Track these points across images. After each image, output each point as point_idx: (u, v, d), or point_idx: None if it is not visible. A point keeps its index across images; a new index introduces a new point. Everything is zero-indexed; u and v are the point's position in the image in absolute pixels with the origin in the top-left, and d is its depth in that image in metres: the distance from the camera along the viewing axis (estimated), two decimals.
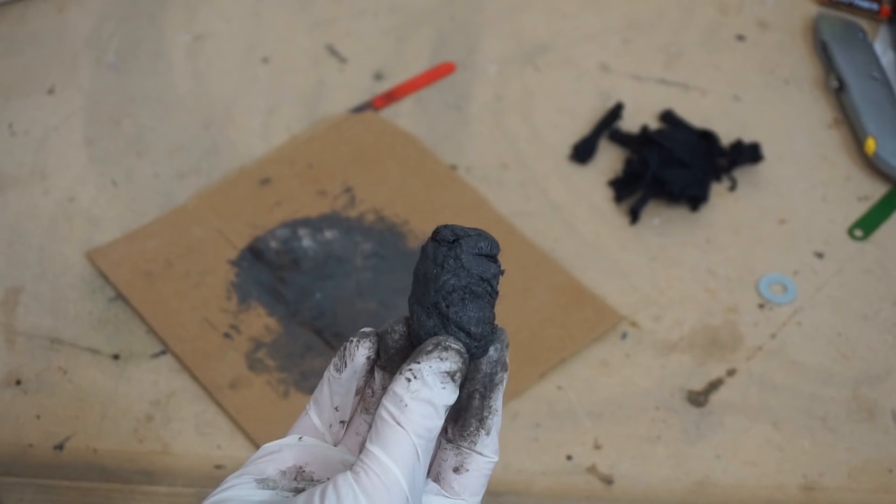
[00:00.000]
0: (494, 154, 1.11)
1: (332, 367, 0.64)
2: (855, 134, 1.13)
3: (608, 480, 0.91)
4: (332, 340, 0.95)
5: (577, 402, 0.95)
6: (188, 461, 0.90)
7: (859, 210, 1.08)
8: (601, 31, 1.22)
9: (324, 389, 0.64)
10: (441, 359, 0.58)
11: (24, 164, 1.08)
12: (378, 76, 1.16)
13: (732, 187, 1.09)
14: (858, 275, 1.03)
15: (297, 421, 0.65)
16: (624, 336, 0.98)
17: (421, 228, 1.03)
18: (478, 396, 0.61)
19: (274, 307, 0.98)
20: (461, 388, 0.61)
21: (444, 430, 0.62)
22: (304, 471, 0.62)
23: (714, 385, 0.96)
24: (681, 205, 1.07)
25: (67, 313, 0.98)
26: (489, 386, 0.61)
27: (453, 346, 0.58)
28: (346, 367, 0.63)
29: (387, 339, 0.62)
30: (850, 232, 1.06)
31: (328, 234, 1.02)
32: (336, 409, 0.64)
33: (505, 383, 0.62)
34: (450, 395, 0.57)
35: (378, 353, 0.62)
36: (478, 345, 0.59)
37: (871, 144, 1.09)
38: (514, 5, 1.23)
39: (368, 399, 0.63)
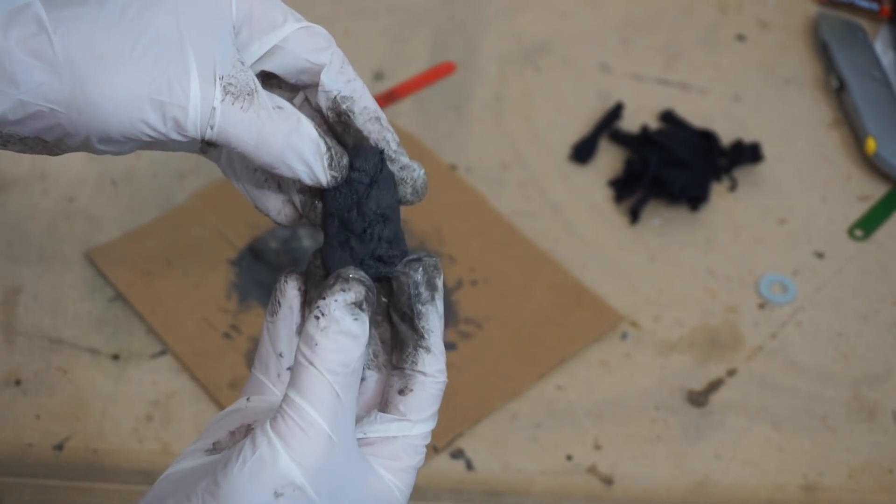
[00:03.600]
0: (494, 154, 1.11)
1: (267, 315, 0.64)
2: (855, 134, 1.13)
3: (608, 480, 0.91)
4: None
5: (577, 402, 0.95)
6: None
7: (859, 210, 1.08)
8: (601, 31, 1.22)
9: (263, 340, 0.64)
10: (344, 290, 0.57)
11: (24, 164, 1.08)
12: (378, 76, 1.16)
13: (732, 187, 1.09)
14: (858, 275, 1.03)
15: (245, 385, 0.65)
16: (624, 336, 0.98)
17: (421, 228, 1.03)
18: (407, 319, 0.61)
19: None
20: (390, 315, 0.62)
21: (388, 358, 0.63)
22: (251, 428, 0.62)
23: (714, 385, 0.96)
24: (681, 205, 1.07)
25: (67, 313, 0.98)
26: (415, 307, 0.61)
27: (353, 275, 0.58)
28: (279, 305, 0.63)
29: (311, 266, 0.63)
30: (851, 232, 1.06)
31: None
32: (280, 355, 0.64)
33: (438, 305, 0.62)
34: (361, 325, 0.57)
35: (307, 291, 0.63)
36: (387, 266, 0.61)
37: (871, 144, 1.09)
38: (513, 5, 1.23)
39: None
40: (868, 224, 1.07)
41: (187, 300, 0.98)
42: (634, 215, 1.06)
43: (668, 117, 1.13)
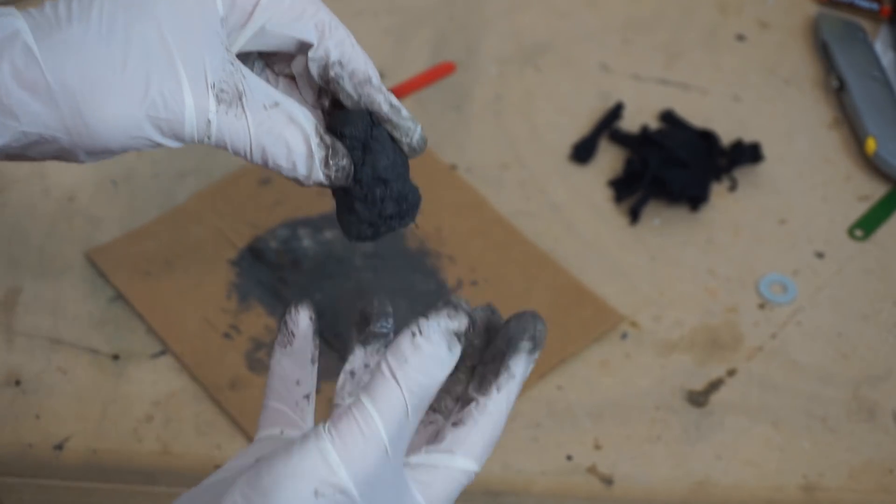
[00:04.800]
0: (494, 154, 1.11)
1: (277, 346, 0.64)
2: (855, 134, 1.13)
3: (608, 480, 0.91)
4: (333, 340, 0.95)
5: (577, 402, 0.95)
6: (188, 461, 0.90)
7: (859, 210, 1.08)
8: (601, 31, 1.21)
9: (275, 373, 0.64)
10: (450, 317, 0.56)
11: (25, 164, 1.08)
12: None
13: (732, 187, 1.09)
14: (858, 275, 1.03)
15: (260, 419, 0.64)
16: (624, 336, 0.98)
17: (421, 228, 1.03)
18: (500, 357, 0.60)
19: (274, 307, 0.98)
20: (484, 349, 0.61)
21: (459, 394, 0.62)
22: None
23: (714, 385, 0.96)
24: (681, 205, 1.07)
25: (67, 313, 0.98)
26: (510, 346, 0.60)
27: (464, 307, 0.57)
28: (294, 336, 0.63)
29: (363, 316, 0.64)
30: (851, 232, 1.06)
31: (328, 234, 1.02)
32: (297, 383, 0.64)
33: (530, 355, 0.60)
34: (453, 355, 0.56)
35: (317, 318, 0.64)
36: (401, 220, 0.63)
37: (871, 144, 1.09)
38: (513, 5, 1.23)
39: (358, 381, 0.64)
40: (868, 224, 1.07)
41: (187, 300, 0.98)
42: (634, 215, 1.06)
43: (668, 117, 1.13)
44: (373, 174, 0.62)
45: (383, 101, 0.65)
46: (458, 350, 0.56)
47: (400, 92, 1.14)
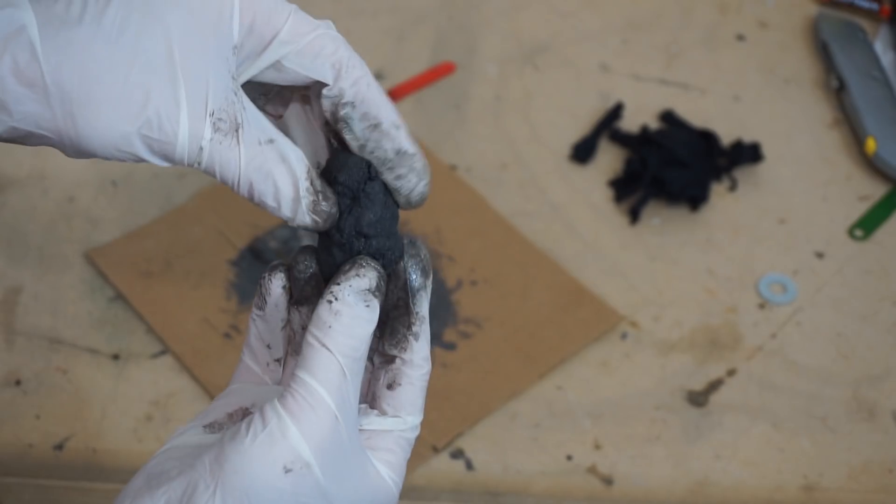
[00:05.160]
0: (494, 154, 1.11)
1: (254, 308, 0.65)
2: (855, 134, 1.13)
3: (608, 480, 0.91)
4: None
5: (577, 402, 0.95)
6: None
7: (859, 210, 1.08)
8: (601, 31, 1.22)
9: (251, 331, 0.65)
10: (359, 276, 0.59)
11: (24, 164, 1.08)
12: (378, 76, 1.16)
13: (732, 187, 1.09)
14: (858, 275, 1.03)
15: (235, 371, 0.67)
16: (624, 336, 0.98)
17: (421, 228, 1.03)
18: (402, 304, 0.62)
19: None
20: (385, 300, 0.62)
21: (374, 351, 0.63)
22: (249, 411, 0.62)
23: (714, 385, 0.96)
24: (681, 205, 1.07)
25: (67, 313, 0.98)
26: (412, 291, 0.62)
27: (370, 263, 0.60)
28: (265, 302, 0.64)
29: (295, 271, 0.63)
30: (851, 232, 1.06)
31: None
32: (268, 346, 0.65)
33: (429, 290, 0.63)
34: (372, 312, 0.59)
35: (291, 286, 0.64)
36: (388, 261, 0.62)
37: (871, 144, 1.09)
38: (513, 5, 1.23)
39: (294, 341, 0.65)
40: (868, 224, 1.07)
41: (187, 300, 0.98)
42: (634, 215, 1.06)
43: (668, 117, 1.13)
44: (355, 226, 0.61)
45: (390, 148, 0.62)
46: (376, 305, 0.59)
47: (400, 92, 1.14)
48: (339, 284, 0.59)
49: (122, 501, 0.59)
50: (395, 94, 1.14)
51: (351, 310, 0.58)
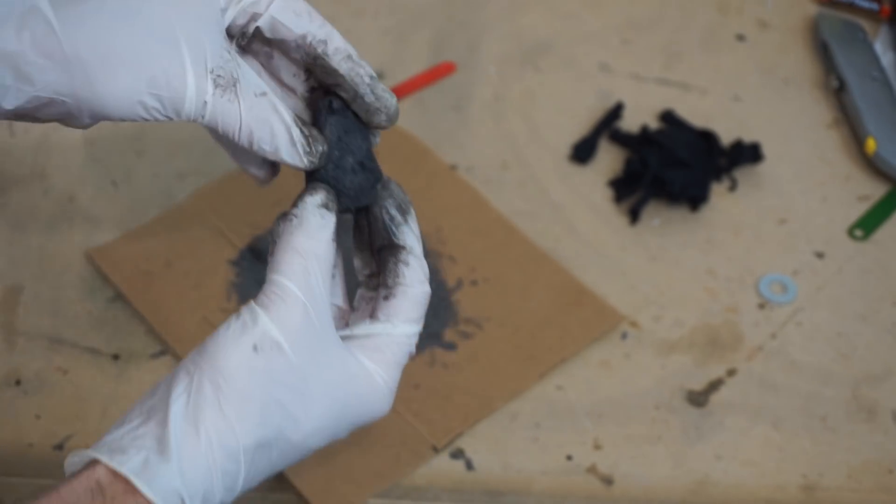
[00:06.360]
0: (494, 154, 1.11)
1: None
2: (855, 134, 1.13)
3: (608, 480, 0.91)
4: None
5: (577, 402, 0.95)
6: None
7: (859, 210, 1.08)
8: (601, 31, 1.22)
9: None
10: (311, 194, 0.69)
11: (24, 164, 1.08)
12: (378, 76, 1.15)
13: (732, 187, 1.09)
14: (858, 275, 1.03)
15: None
16: (624, 336, 0.98)
17: (421, 228, 1.03)
18: (386, 242, 0.71)
19: None
20: (372, 241, 0.72)
21: (374, 282, 0.73)
22: None
23: (714, 385, 0.96)
24: (681, 205, 1.07)
25: (67, 313, 0.98)
26: (391, 228, 0.71)
27: (319, 185, 0.70)
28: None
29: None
30: (850, 232, 1.06)
31: None
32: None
33: (412, 225, 0.72)
34: (328, 220, 0.69)
35: None
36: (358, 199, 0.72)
37: (871, 144, 1.09)
38: (514, 5, 1.23)
39: None
40: (868, 224, 1.07)
41: (187, 300, 0.98)
42: (634, 215, 1.06)
43: (668, 117, 1.13)
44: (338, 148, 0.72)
45: (364, 73, 0.72)
46: (330, 215, 0.69)
47: (400, 92, 1.14)
48: (296, 205, 0.69)
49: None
50: (395, 94, 1.14)
51: (309, 218, 0.68)
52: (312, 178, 0.71)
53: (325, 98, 0.72)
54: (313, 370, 0.65)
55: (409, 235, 0.72)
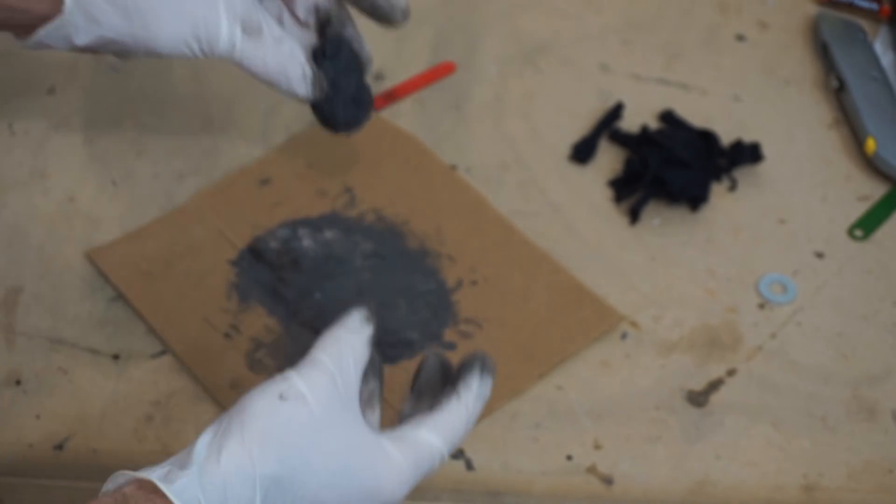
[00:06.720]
0: (494, 154, 1.11)
1: None
2: (855, 134, 1.13)
3: (608, 480, 0.91)
4: None
5: (577, 402, 0.95)
6: None
7: (859, 210, 1.08)
8: (601, 31, 1.22)
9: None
10: (358, 309, 0.76)
11: (24, 164, 1.08)
12: (378, 76, 1.16)
13: (732, 187, 1.09)
14: (858, 275, 1.03)
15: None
16: (624, 336, 0.98)
17: (421, 228, 1.03)
18: (438, 384, 0.78)
19: (274, 307, 0.98)
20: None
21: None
22: None
23: (714, 385, 0.96)
24: (681, 205, 1.07)
25: (67, 313, 0.98)
26: (462, 368, 0.78)
27: (363, 302, 0.76)
28: None
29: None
30: (850, 232, 1.06)
31: (328, 234, 1.02)
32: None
33: (482, 373, 0.78)
34: (366, 327, 0.75)
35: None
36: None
37: (871, 144, 1.09)
38: (514, 5, 1.23)
39: None
40: (868, 224, 1.07)
41: (187, 300, 0.98)
42: (634, 215, 1.06)
43: (668, 117, 1.13)
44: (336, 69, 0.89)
45: None
46: (369, 326, 0.75)
47: (400, 92, 1.14)
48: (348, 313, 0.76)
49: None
50: (395, 94, 1.14)
51: (351, 319, 0.75)
52: (315, 108, 0.88)
53: (320, 42, 0.89)
54: (333, 427, 0.70)
55: (478, 382, 0.78)
